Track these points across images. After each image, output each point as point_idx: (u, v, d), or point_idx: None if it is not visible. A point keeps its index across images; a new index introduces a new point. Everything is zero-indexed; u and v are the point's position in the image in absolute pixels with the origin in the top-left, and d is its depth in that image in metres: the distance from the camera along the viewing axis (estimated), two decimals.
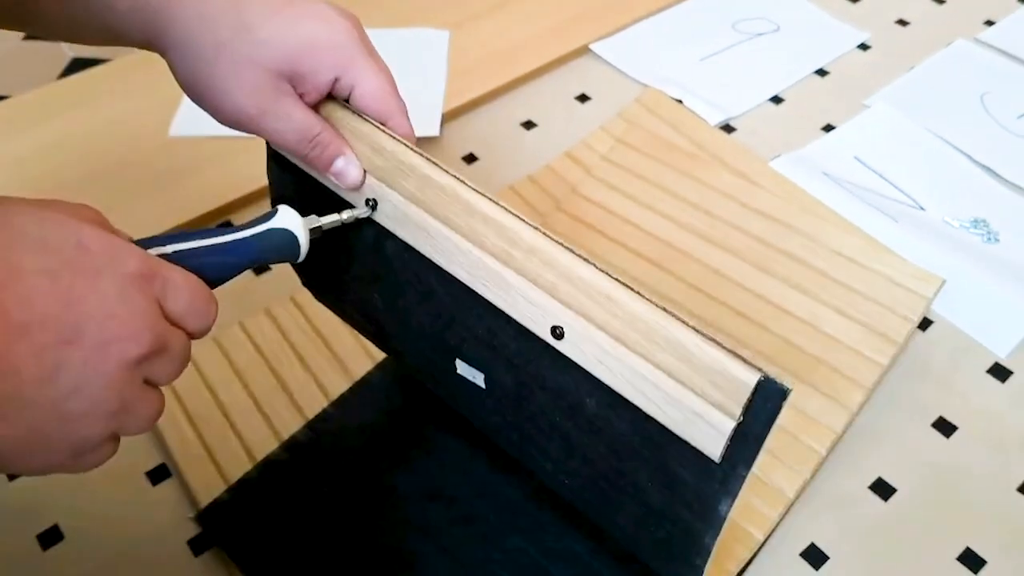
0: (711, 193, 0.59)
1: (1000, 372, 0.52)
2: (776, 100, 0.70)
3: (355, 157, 0.37)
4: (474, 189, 0.34)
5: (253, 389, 0.51)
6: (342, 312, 0.47)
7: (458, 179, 0.34)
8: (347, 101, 0.38)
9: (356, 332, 0.53)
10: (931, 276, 0.52)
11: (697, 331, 0.29)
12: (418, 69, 0.71)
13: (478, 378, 0.38)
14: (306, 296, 0.53)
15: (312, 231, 0.36)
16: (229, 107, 0.37)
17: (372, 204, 0.37)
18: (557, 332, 0.33)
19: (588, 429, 0.34)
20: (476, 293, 0.35)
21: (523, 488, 0.45)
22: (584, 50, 0.75)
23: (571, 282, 0.32)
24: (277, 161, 0.41)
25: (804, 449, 0.46)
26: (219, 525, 0.45)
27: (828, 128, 0.68)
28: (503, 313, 0.34)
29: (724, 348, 0.28)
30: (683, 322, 0.29)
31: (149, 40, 0.37)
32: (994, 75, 0.72)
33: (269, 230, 0.35)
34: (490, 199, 0.34)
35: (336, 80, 0.37)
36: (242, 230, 0.34)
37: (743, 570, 0.44)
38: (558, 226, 0.58)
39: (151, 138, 0.66)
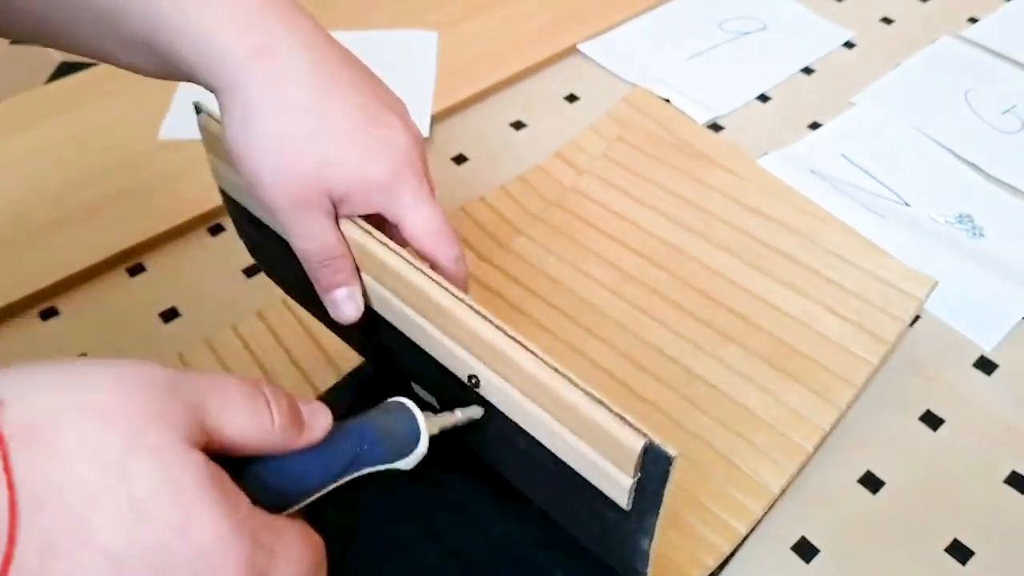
0: (707, 191, 0.59)
1: (986, 365, 0.53)
2: (763, 98, 0.71)
3: (359, 293, 0.37)
4: (392, 250, 0.36)
5: None
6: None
7: (375, 239, 0.36)
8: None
9: None
10: (923, 277, 0.52)
11: (587, 394, 0.30)
12: (407, 71, 0.72)
13: (432, 399, 0.40)
14: None
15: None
16: (263, 195, 0.35)
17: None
18: (472, 381, 0.35)
19: (525, 461, 0.36)
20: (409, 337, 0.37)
21: None
22: (572, 50, 0.75)
23: (477, 341, 0.33)
24: (230, 200, 0.42)
25: (791, 445, 0.47)
26: None
27: (815, 126, 0.68)
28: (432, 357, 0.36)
29: (612, 412, 0.29)
30: (575, 386, 0.30)
31: (211, 89, 0.35)
32: (978, 72, 0.72)
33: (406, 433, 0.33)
34: (405, 259, 0.35)
35: (379, 216, 0.36)
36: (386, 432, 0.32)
37: (726, 562, 0.44)
38: (554, 222, 0.59)
39: (141, 141, 0.66)
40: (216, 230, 0.61)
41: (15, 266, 0.57)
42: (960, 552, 0.45)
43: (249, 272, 0.58)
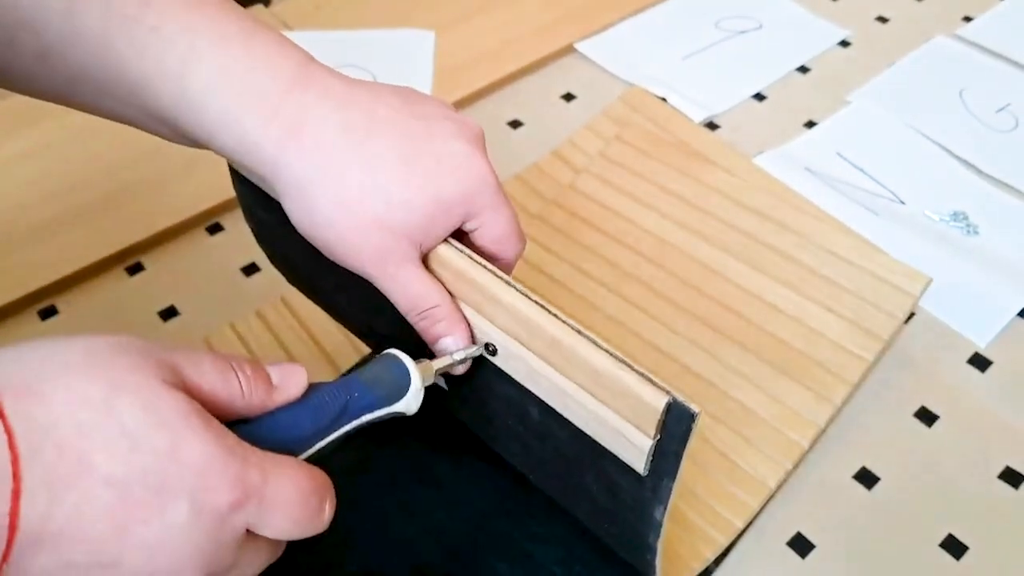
0: (704, 190, 0.59)
1: (980, 362, 0.53)
2: (759, 97, 0.71)
3: (465, 336, 0.35)
4: None
5: None
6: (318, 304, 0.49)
7: None
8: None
9: (346, 332, 0.53)
10: (918, 274, 0.52)
11: (611, 355, 0.30)
12: (403, 70, 0.72)
13: (440, 380, 0.40)
14: (295, 297, 0.53)
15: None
16: (347, 262, 0.34)
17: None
18: (490, 349, 0.35)
19: (536, 434, 0.36)
20: None
21: (511, 473, 0.46)
22: (569, 49, 0.75)
23: (495, 304, 0.33)
24: (239, 179, 0.42)
25: (787, 441, 0.47)
26: None
27: (810, 124, 0.69)
28: None
29: (635, 372, 0.30)
30: (598, 346, 0.30)
31: (261, 178, 0.34)
32: (972, 70, 0.73)
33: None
34: None
35: (461, 223, 0.35)
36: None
37: (723, 556, 0.44)
38: (553, 220, 0.59)
39: (140, 141, 0.66)
40: (215, 229, 0.61)
41: (14, 265, 0.58)
42: (954, 547, 0.45)
43: (248, 271, 0.59)
